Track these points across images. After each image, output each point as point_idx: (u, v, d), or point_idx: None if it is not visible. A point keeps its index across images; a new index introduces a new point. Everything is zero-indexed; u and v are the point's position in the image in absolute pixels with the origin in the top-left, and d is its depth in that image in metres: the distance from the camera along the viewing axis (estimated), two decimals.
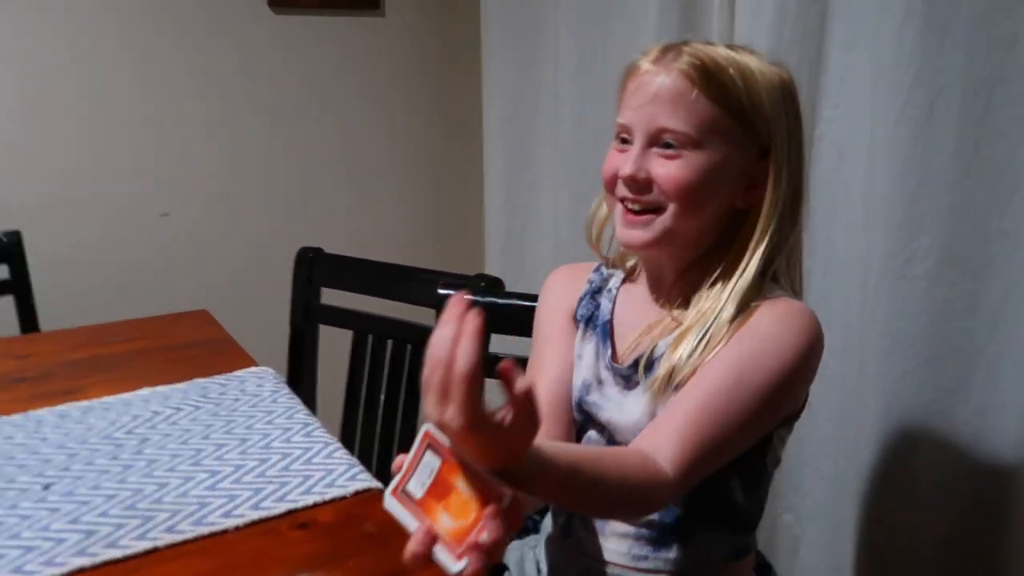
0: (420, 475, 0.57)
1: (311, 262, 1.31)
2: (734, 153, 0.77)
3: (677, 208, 0.77)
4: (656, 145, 0.77)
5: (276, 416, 0.91)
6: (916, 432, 1.08)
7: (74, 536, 0.68)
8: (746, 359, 0.74)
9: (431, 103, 2.03)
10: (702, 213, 0.78)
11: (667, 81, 0.76)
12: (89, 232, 1.67)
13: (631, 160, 0.77)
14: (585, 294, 0.90)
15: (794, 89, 0.80)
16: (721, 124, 0.76)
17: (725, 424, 0.72)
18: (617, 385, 0.83)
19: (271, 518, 0.71)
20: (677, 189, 0.76)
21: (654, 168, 0.77)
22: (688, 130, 0.75)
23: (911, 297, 1.06)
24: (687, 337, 0.76)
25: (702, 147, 0.76)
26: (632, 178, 0.77)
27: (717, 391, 0.73)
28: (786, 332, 0.75)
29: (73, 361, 1.09)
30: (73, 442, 0.85)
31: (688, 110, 0.75)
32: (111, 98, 1.66)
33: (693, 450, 0.71)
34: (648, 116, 0.77)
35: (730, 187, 0.78)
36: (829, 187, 1.21)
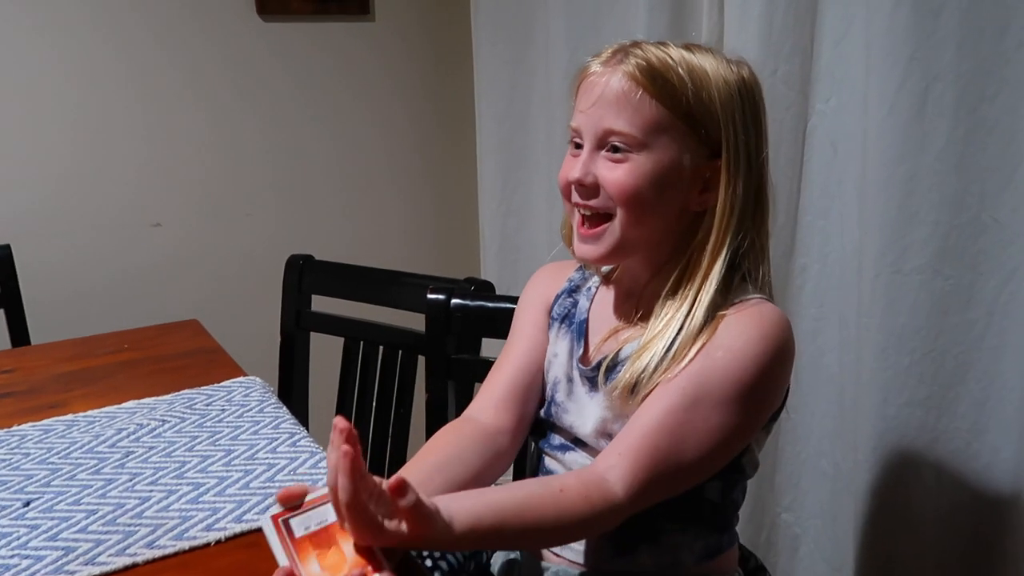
0: (309, 518, 0.58)
1: (301, 269, 1.30)
2: (683, 154, 0.75)
3: (625, 214, 0.75)
4: (604, 148, 0.75)
5: (262, 426, 0.89)
6: (914, 427, 1.06)
7: (53, 554, 0.67)
8: (706, 373, 0.71)
9: (423, 106, 2.02)
10: (652, 218, 0.76)
11: (612, 82, 0.74)
12: (80, 244, 1.66)
13: (579, 164, 0.76)
14: (563, 291, 0.89)
15: (755, 88, 0.78)
16: (667, 124, 0.74)
17: (682, 441, 0.70)
18: (584, 386, 0.82)
19: (254, 531, 0.70)
20: (623, 194, 0.74)
21: (600, 172, 0.75)
22: (632, 131, 0.73)
23: (907, 291, 1.04)
24: (651, 346, 0.74)
25: (648, 148, 0.74)
26: (580, 183, 0.76)
27: (674, 408, 0.71)
28: (747, 341, 0.72)
29: (60, 374, 1.08)
30: (56, 457, 0.84)
31: (633, 110, 0.73)
32: (101, 109, 1.65)
33: (646, 470, 0.69)
34: (595, 119, 0.75)
35: (681, 190, 0.76)
36: (823, 181, 1.19)
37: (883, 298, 1.06)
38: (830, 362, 1.20)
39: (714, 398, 0.71)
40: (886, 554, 1.13)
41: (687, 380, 0.71)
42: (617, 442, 0.72)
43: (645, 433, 0.70)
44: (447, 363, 1.09)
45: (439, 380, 1.09)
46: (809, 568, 1.27)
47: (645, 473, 0.69)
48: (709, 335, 0.73)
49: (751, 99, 0.77)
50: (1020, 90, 0.94)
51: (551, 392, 0.85)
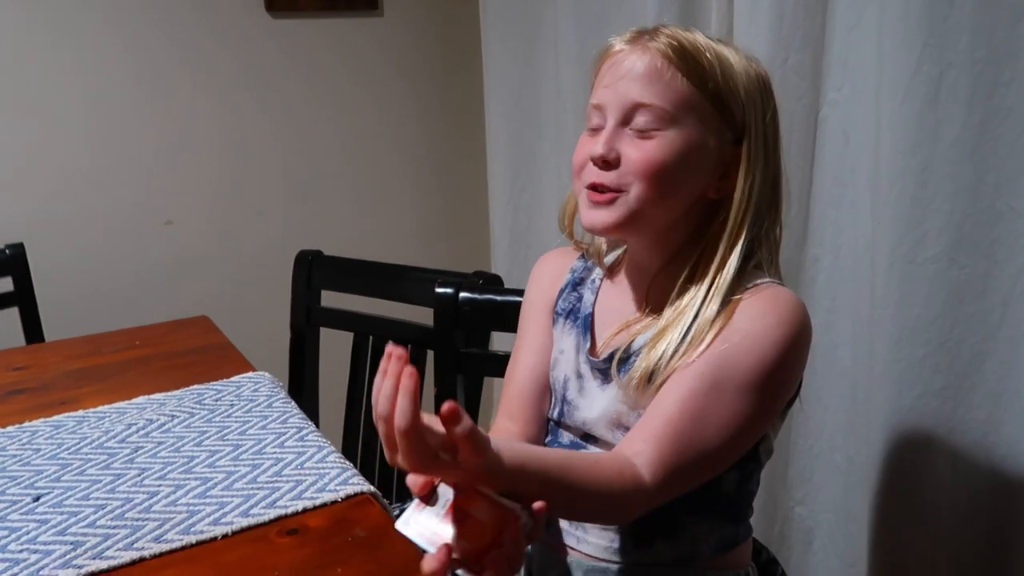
0: (436, 508, 0.59)
1: (310, 265, 1.30)
2: (709, 136, 0.74)
3: (644, 189, 0.73)
4: (629, 125, 0.74)
5: (271, 421, 0.89)
6: (929, 419, 1.05)
7: (61, 548, 0.67)
8: (725, 357, 0.71)
9: (432, 103, 2.01)
10: (671, 197, 0.75)
11: (643, 59, 0.73)
12: (92, 242, 1.67)
13: (603, 139, 0.74)
14: (566, 285, 0.88)
15: (770, 85, 0.78)
16: (697, 104, 0.73)
17: (705, 427, 0.70)
18: (595, 379, 0.81)
19: (260, 525, 0.70)
20: (648, 168, 0.72)
21: (625, 148, 0.74)
22: (663, 104, 0.72)
23: (921, 281, 1.03)
24: (666, 335, 0.73)
25: (677, 125, 0.73)
26: (603, 158, 0.74)
27: (695, 393, 0.70)
28: (765, 326, 0.72)
29: (72, 371, 1.09)
30: (66, 453, 0.84)
31: (664, 86, 0.72)
32: (113, 108, 1.66)
33: (672, 455, 0.68)
34: (622, 92, 0.74)
35: (704, 173, 0.75)
36: (835, 171, 1.18)
37: (897, 289, 1.05)
38: (843, 355, 1.18)
39: (734, 383, 0.70)
40: (900, 548, 1.12)
41: (706, 365, 0.71)
42: (640, 429, 0.71)
43: (668, 419, 0.70)
44: (456, 357, 1.09)
45: (448, 374, 1.09)
46: (822, 563, 1.26)
47: (671, 459, 0.68)
48: (725, 320, 0.72)
49: (770, 95, 0.77)
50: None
51: (560, 391, 0.85)
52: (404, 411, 0.52)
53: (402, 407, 0.52)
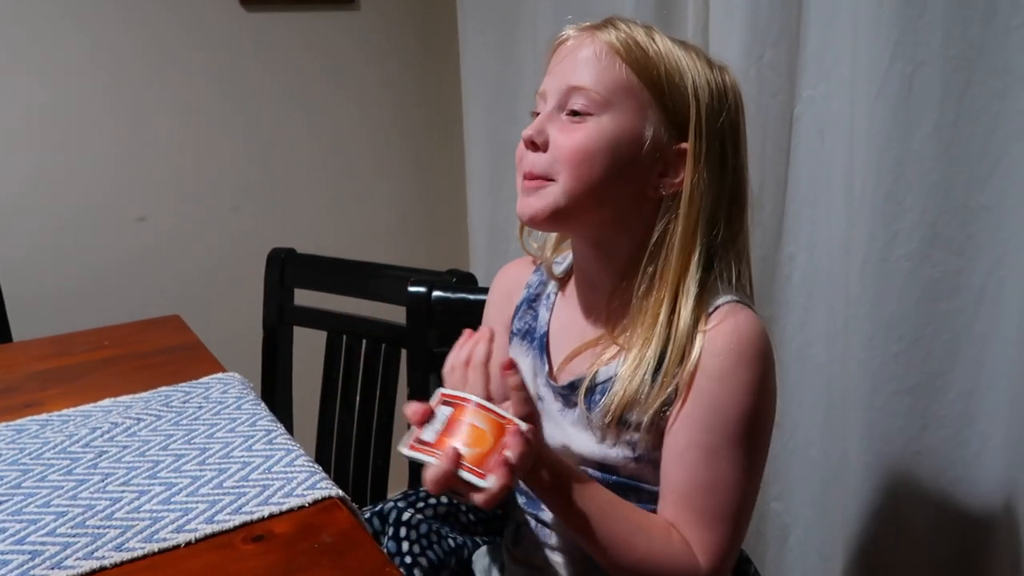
0: (433, 425, 0.64)
1: (283, 263, 1.28)
2: (645, 126, 0.71)
3: (569, 176, 0.70)
4: (564, 111, 0.72)
5: (239, 424, 0.88)
6: (903, 416, 1.05)
7: (19, 558, 0.65)
8: (709, 420, 0.70)
9: (410, 97, 2.00)
10: (601, 188, 0.71)
11: (585, 44, 0.72)
12: (62, 239, 1.64)
13: (535, 122, 0.73)
14: (522, 302, 0.86)
15: (733, 91, 0.75)
16: (634, 90, 0.71)
17: (725, 490, 0.70)
18: (557, 402, 0.79)
19: (225, 531, 0.69)
20: (573, 154, 0.70)
21: (555, 133, 0.72)
22: (596, 88, 0.70)
23: (895, 279, 1.03)
24: (635, 375, 0.71)
25: (610, 110, 0.70)
26: (531, 140, 0.72)
27: (698, 464, 0.70)
28: (737, 370, 0.70)
29: (37, 372, 1.07)
30: (27, 458, 0.82)
31: (600, 70, 0.71)
32: (83, 102, 1.63)
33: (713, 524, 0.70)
34: (560, 77, 0.73)
35: (640, 167, 0.71)
36: (810, 169, 1.18)
37: (871, 286, 1.05)
38: (818, 352, 1.19)
39: (730, 441, 0.70)
40: (876, 542, 1.12)
41: (697, 432, 0.70)
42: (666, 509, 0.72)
43: (684, 499, 0.71)
44: (429, 356, 1.08)
45: (421, 373, 1.08)
46: (799, 558, 1.26)
47: (712, 535, 0.70)
48: (695, 351, 0.70)
49: (727, 97, 0.74)
50: (1007, 76, 0.93)
51: None
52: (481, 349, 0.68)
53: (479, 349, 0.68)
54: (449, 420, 0.63)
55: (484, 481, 0.59)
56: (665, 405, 0.71)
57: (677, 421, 0.71)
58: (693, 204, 0.71)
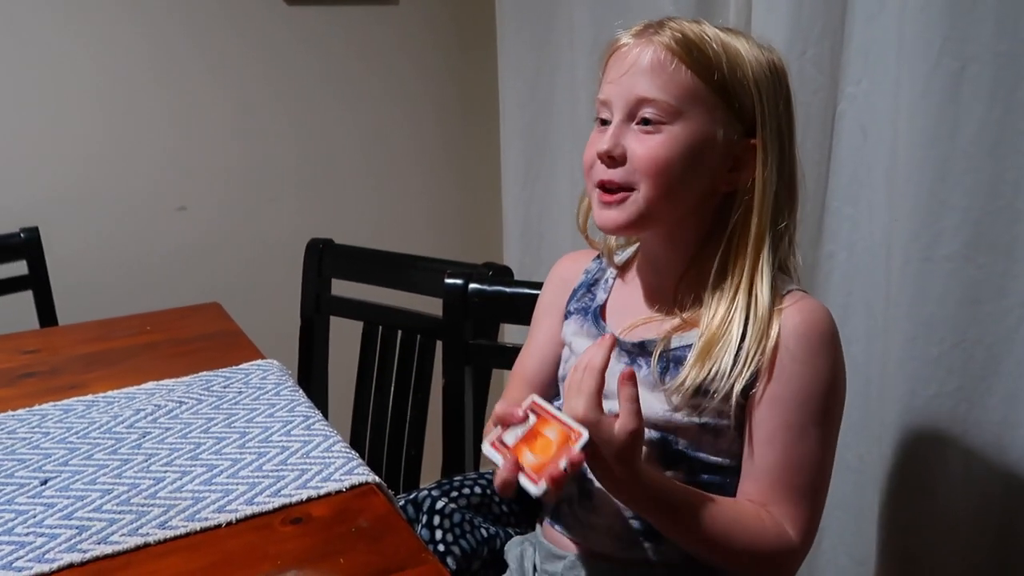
0: (516, 430, 0.69)
1: (321, 253, 1.30)
2: (716, 128, 0.73)
3: (651, 186, 0.73)
4: (635, 120, 0.74)
5: (278, 409, 0.89)
6: (943, 420, 1.03)
7: (67, 532, 0.68)
8: (797, 401, 0.72)
9: (447, 91, 2.01)
10: (680, 192, 0.74)
11: (647, 52, 0.73)
12: (106, 227, 1.68)
13: (609, 136, 0.74)
14: (580, 286, 0.88)
15: (785, 75, 0.77)
16: (702, 95, 0.72)
17: (812, 468, 0.73)
18: (621, 357, 0.79)
19: (264, 513, 0.70)
20: (652, 165, 0.72)
21: (631, 144, 0.74)
22: (667, 99, 0.72)
23: (937, 279, 1.01)
24: (715, 351, 0.73)
25: (682, 118, 0.72)
26: (608, 154, 0.74)
27: (792, 443, 0.72)
28: (820, 350, 0.73)
29: (82, 355, 1.10)
30: (74, 437, 0.85)
31: (667, 79, 0.72)
32: (129, 94, 1.67)
33: (802, 507, 0.73)
34: (626, 87, 0.74)
35: (712, 166, 0.74)
36: (852, 167, 1.16)
37: (912, 286, 1.03)
38: (856, 352, 1.17)
39: (815, 419, 0.73)
40: (911, 548, 1.10)
41: (787, 412, 0.72)
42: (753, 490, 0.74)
43: (776, 478, 0.73)
44: (464, 348, 1.08)
45: (456, 365, 1.08)
46: (831, 561, 1.25)
47: (802, 510, 0.73)
48: (773, 334, 0.73)
49: (784, 82, 0.76)
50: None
51: None
52: (599, 356, 0.68)
53: (599, 354, 0.68)
54: (531, 429, 0.69)
55: (535, 487, 0.64)
56: (749, 381, 0.73)
57: (764, 402, 0.73)
58: (766, 195, 0.74)
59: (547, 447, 0.67)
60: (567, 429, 0.67)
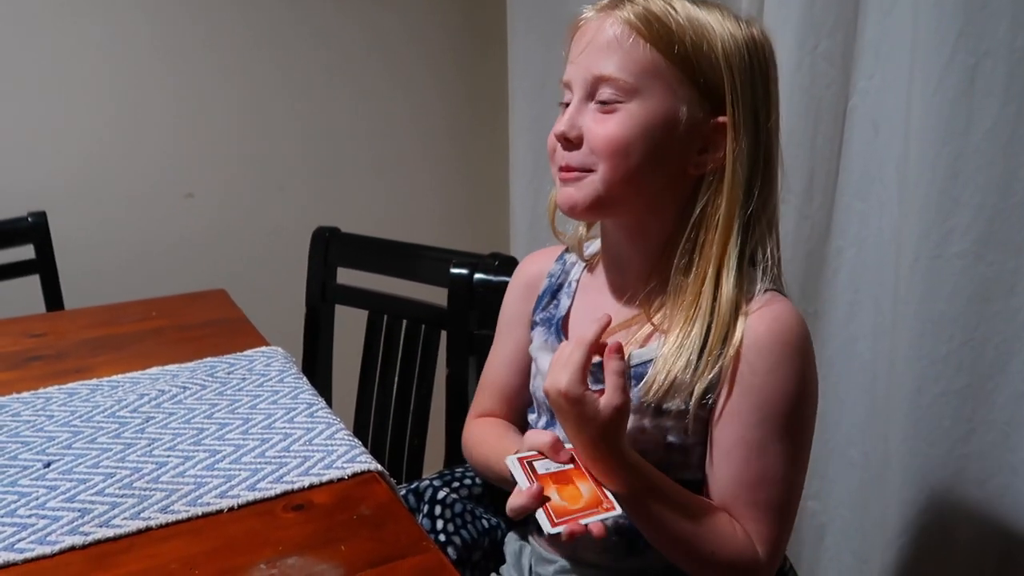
0: (549, 464, 0.69)
1: (327, 242, 1.29)
2: (679, 105, 0.68)
3: (609, 168, 0.69)
4: (593, 100, 0.70)
5: (281, 396, 0.89)
6: (949, 418, 1.03)
7: (69, 515, 0.68)
8: (761, 411, 0.68)
9: (457, 82, 2.00)
10: (641, 175, 0.69)
11: (605, 27, 0.69)
12: (114, 212, 1.68)
13: (565, 117, 0.71)
14: (544, 292, 0.85)
15: (765, 47, 0.71)
16: (662, 69, 0.68)
17: (775, 480, 0.69)
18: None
19: (266, 499, 0.70)
20: (609, 145, 0.68)
21: (588, 124, 0.70)
22: (622, 75, 0.68)
23: (947, 277, 1.01)
24: (681, 354, 0.69)
25: (640, 96, 0.68)
26: (564, 136, 0.71)
27: (750, 458, 0.69)
28: (783, 361, 0.69)
29: (88, 340, 1.10)
30: (78, 420, 0.85)
31: (624, 55, 0.68)
32: (139, 82, 1.66)
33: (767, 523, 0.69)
34: (584, 67, 0.70)
35: (678, 147, 0.69)
36: (863, 162, 1.15)
37: (921, 283, 1.03)
38: (863, 349, 1.16)
39: (779, 430, 0.69)
40: (916, 547, 1.10)
41: (745, 427, 0.69)
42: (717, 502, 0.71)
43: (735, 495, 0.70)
44: (469, 338, 1.08)
45: (460, 356, 1.08)
46: (835, 558, 1.24)
47: (764, 526, 0.69)
48: (737, 334, 0.69)
49: (760, 57, 0.71)
50: None
51: (543, 402, 0.81)
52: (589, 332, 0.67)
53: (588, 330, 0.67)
54: (566, 472, 0.68)
55: (550, 528, 0.63)
56: (707, 390, 0.69)
57: (723, 417, 0.70)
58: (736, 177, 0.69)
59: (575, 498, 0.66)
60: (602, 495, 0.66)
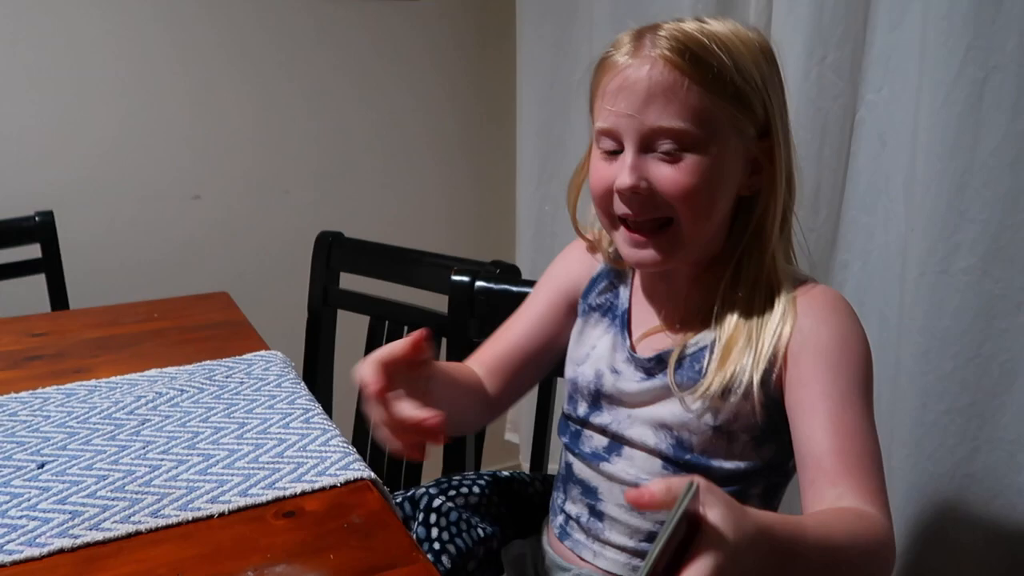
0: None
1: (330, 246, 1.29)
2: (736, 140, 0.71)
3: (688, 216, 0.70)
4: (651, 150, 0.70)
5: (278, 401, 0.89)
6: (954, 436, 1.01)
7: (59, 517, 0.67)
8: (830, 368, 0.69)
9: (465, 87, 2.00)
10: (714, 213, 0.72)
11: (653, 74, 0.68)
12: (120, 213, 1.69)
13: (627, 169, 0.70)
14: (599, 276, 0.85)
15: (774, 55, 0.74)
16: (718, 111, 0.69)
17: (864, 431, 0.68)
18: (638, 372, 0.78)
19: (258, 505, 0.69)
20: (686, 195, 0.69)
21: (655, 175, 0.70)
22: (686, 126, 0.68)
23: (953, 293, 0.99)
24: (735, 351, 0.71)
25: (703, 140, 0.69)
26: (634, 189, 0.70)
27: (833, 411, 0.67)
28: (844, 322, 0.71)
29: (89, 340, 1.10)
30: (74, 421, 0.85)
31: (681, 104, 0.68)
32: (149, 82, 1.67)
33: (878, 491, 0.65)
34: (637, 121, 0.69)
35: (736, 177, 0.73)
36: (870, 175, 1.14)
37: (927, 299, 1.02)
38: None
39: (853, 387, 0.69)
40: (920, 566, 1.08)
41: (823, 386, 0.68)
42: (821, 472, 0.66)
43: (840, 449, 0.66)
44: (469, 346, 1.07)
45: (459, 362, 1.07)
46: None
47: (874, 480, 0.65)
48: (790, 322, 0.71)
49: (775, 65, 0.73)
50: None
51: (591, 386, 0.81)
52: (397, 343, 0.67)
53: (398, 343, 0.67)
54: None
55: None
56: (768, 369, 0.71)
57: (799, 384, 0.69)
58: (780, 190, 0.73)
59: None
60: None
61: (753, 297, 0.73)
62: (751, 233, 0.74)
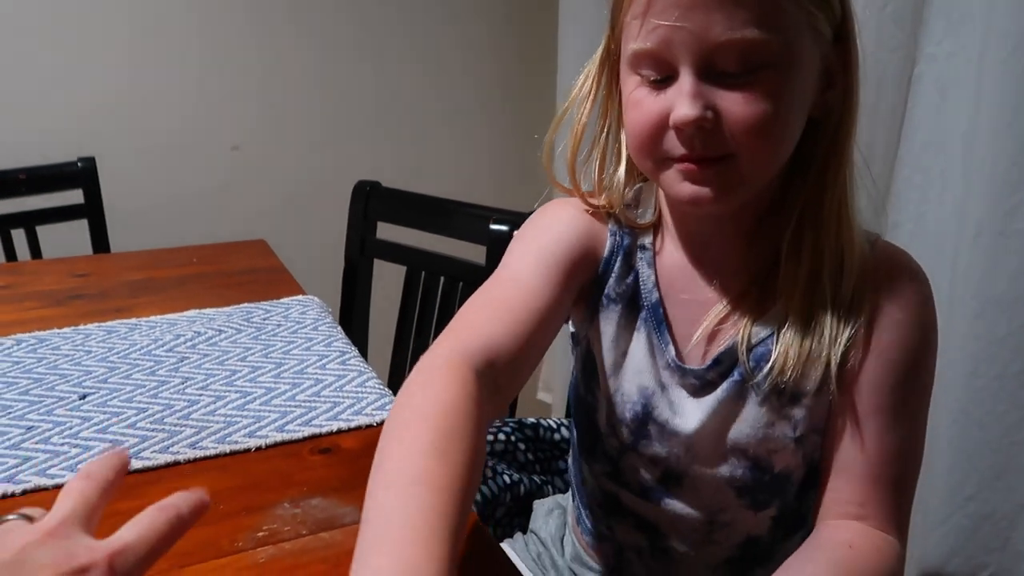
0: None
1: (367, 196, 1.28)
2: (812, 46, 0.54)
3: (758, 150, 0.54)
4: (712, 71, 0.53)
5: (315, 343, 0.89)
6: (1004, 402, 0.98)
7: (100, 445, 0.68)
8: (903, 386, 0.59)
9: (508, 38, 1.97)
10: (784, 145, 0.56)
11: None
12: (162, 161, 1.70)
13: (687, 98, 0.53)
14: (612, 254, 0.65)
15: None
16: (795, 8, 0.52)
17: (910, 451, 0.60)
18: (685, 389, 0.64)
19: (294, 441, 0.70)
20: (758, 127, 0.53)
21: (721, 103, 0.53)
22: (760, 34, 0.51)
23: (1011, 255, 0.96)
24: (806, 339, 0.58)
25: (776, 54, 0.52)
26: (700, 122, 0.53)
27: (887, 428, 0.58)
28: (924, 330, 0.60)
29: (129, 282, 1.11)
30: (115, 356, 0.85)
31: (750, 5, 0.51)
32: (193, 31, 1.67)
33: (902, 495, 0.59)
34: (695, 32, 0.52)
35: (810, 95, 0.56)
36: (927, 132, 1.10)
37: (983, 261, 0.98)
38: None
39: (914, 412, 0.61)
40: (962, 533, 1.06)
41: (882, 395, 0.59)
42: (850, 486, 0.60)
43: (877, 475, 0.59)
44: None
45: None
46: None
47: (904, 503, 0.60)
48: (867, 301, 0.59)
49: None
50: None
51: (639, 410, 0.65)
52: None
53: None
54: None
55: None
56: (846, 354, 0.59)
57: (859, 384, 0.59)
58: (854, 111, 0.57)
59: None
60: None
61: (822, 261, 0.58)
62: (816, 169, 0.58)
